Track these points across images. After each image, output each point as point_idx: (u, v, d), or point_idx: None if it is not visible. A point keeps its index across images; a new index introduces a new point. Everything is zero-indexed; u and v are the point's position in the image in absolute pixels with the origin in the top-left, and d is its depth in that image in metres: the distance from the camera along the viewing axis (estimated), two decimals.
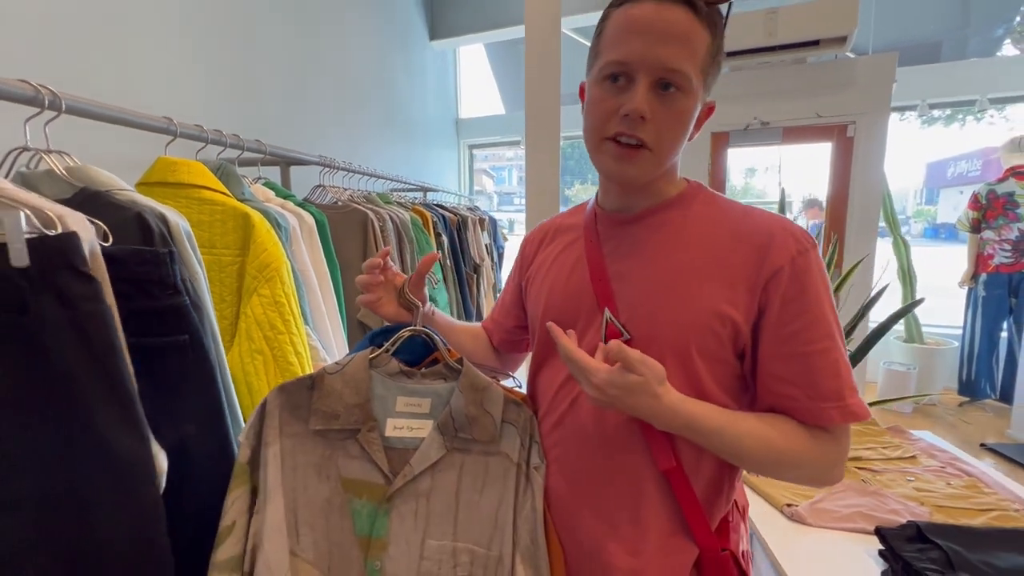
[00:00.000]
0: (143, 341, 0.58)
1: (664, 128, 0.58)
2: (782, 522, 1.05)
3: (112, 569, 0.54)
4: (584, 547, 0.65)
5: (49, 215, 0.51)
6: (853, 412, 0.56)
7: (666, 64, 0.55)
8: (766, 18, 2.76)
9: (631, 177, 0.61)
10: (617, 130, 0.58)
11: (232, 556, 0.63)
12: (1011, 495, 1.09)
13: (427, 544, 0.66)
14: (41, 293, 0.49)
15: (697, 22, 0.56)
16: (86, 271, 0.51)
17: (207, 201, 0.88)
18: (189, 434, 0.64)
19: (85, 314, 0.51)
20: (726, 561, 0.62)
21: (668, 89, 0.57)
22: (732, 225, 0.62)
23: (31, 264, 0.48)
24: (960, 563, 0.84)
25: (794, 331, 0.57)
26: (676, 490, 0.61)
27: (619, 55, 0.57)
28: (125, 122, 0.83)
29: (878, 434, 1.41)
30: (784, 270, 0.57)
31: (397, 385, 0.70)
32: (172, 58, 1.52)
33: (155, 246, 0.62)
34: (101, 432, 0.52)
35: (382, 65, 2.97)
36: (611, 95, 0.58)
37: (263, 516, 0.64)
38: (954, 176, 11.37)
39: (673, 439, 0.61)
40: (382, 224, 1.49)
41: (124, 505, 0.54)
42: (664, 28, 0.55)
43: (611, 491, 0.64)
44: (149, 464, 0.55)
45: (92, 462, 0.52)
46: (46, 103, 0.65)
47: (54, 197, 0.65)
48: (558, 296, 0.70)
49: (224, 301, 0.88)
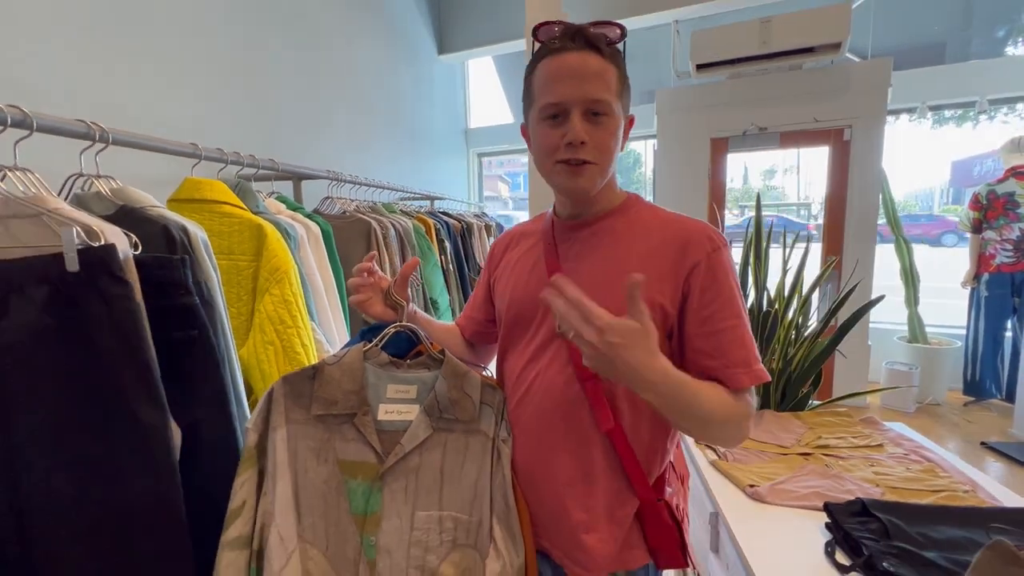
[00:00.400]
0: (164, 334, 0.68)
1: (600, 146, 0.71)
2: (744, 501, 1.14)
3: (139, 522, 0.65)
4: (546, 506, 0.77)
5: (94, 229, 0.63)
6: (757, 375, 0.69)
7: (590, 96, 0.69)
8: (761, 27, 2.84)
9: (582, 188, 0.73)
10: (565, 156, 0.71)
11: (242, 535, 0.69)
12: (964, 478, 1.16)
13: (416, 515, 0.74)
14: (88, 293, 0.61)
15: (604, 61, 0.70)
16: (122, 275, 0.62)
17: (227, 215, 1.03)
18: (199, 416, 0.72)
19: (121, 310, 0.62)
20: (661, 509, 0.75)
21: (596, 116, 0.70)
22: (662, 229, 0.75)
23: (80, 269, 0.61)
24: (896, 533, 0.92)
25: (710, 313, 0.70)
26: (618, 448, 0.74)
27: (553, 98, 0.70)
28: (159, 149, 0.98)
29: (850, 425, 1.48)
30: (701, 264, 0.70)
31: (387, 374, 0.79)
32: (194, 85, 1.68)
33: (177, 253, 0.75)
34: (131, 406, 0.63)
35: (392, 81, 3.13)
36: (553, 129, 0.71)
37: (273, 495, 0.71)
38: (980, 175, 11.13)
39: (613, 405, 0.73)
40: (385, 232, 1.63)
41: (148, 469, 0.65)
42: (583, 70, 0.69)
43: (565, 456, 0.75)
44: (169, 436, 0.65)
45: (124, 431, 0.63)
46: (97, 137, 0.80)
47: (101, 213, 0.79)
48: (520, 291, 0.83)
49: (241, 300, 1.02)
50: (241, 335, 1.00)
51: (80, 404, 0.62)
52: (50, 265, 0.60)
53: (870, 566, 0.87)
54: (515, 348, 0.83)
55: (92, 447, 0.62)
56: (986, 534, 0.90)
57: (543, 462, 0.77)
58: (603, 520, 0.74)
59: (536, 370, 0.78)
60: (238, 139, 1.81)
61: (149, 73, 1.51)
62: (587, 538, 0.73)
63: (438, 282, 1.95)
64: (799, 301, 1.60)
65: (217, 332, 0.78)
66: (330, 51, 2.47)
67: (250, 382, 0.99)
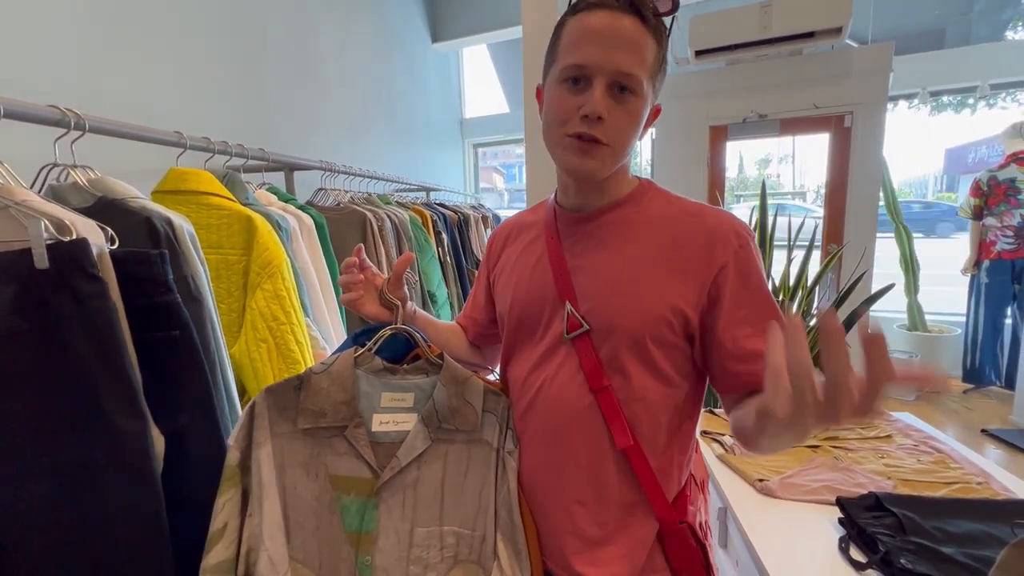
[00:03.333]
0: (142, 335, 0.64)
1: (619, 127, 0.63)
2: (753, 495, 1.12)
3: (115, 534, 0.60)
4: (552, 523, 0.70)
5: (65, 223, 0.58)
6: None
7: (621, 68, 0.60)
8: (760, 12, 2.79)
9: (591, 170, 0.65)
10: (577, 130, 0.62)
11: (223, 560, 0.63)
12: (976, 469, 1.14)
13: (416, 532, 0.69)
14: (59, 291, 0.56)
15: (646, 31, 0.61)
16: (94, 272, 0.58)
17: (215, 206, 0.98)
18: (183, 422, 0.68)
19: (93, 310, 0.58)
20: (684, 532, 0.68)
21: (623, 92, 0.62)
22: (681, 221, 0.67)
23: (50, 266, 0.55)
24: (912, 528, 0.90)
25: (744, 316, 0.64)
26: (635, 467, 0.66)
27: (578, 59, 0.61)
28: (140, 138, 0.93)
29: None
30: (729, 266, 0.64)
31: (382, 381, 0.72)
32: (179, 69, 1.62)
33: (161, 247, 0.70)
34: (107, 412, 0.59)
35: (384, 69, 3.06)
36: (570, 95, 0.63)
37: (260, 516, 0.65)
38: (975, 162, 11.13)
39: (631, 419, 0.66)
40: (380, 224, 1.58)
41: (126, 478, 0.60)
42: (618, 35, 0.60)
43: (576, 470, 0.68)
44: (148, 444, 0.61)
45: (99, 438, 0.59)
46: (72, 124, 0.75)
47: (79, 205, 0.75)
48: (524, 290, 0.75)
49: (232, 296, 0.98)
50: (232, 332, 0.96)
51: (53, 411, 0.58)
52: (17, 262, 0.55)
53: (887, 563, 0.84)
54: (519, 352, 0.77)
55: (67, 456, 0.58)
56: (1008, 528, 0.88)
57: (551, 477, 0.70)
58: (617, 542, 0.68)
59: (543, 376, 0.71)
60: (228, 129, 1.75)
61: (135, 61, 1.45)
62: (600, 558, 0.68)
63: (436, 275, 1.91)
64: (803, 292, 1.57)
65: (206, 330, 0.74)
66: (321, 38, 2.40)
67: (243, 381, 0.96)
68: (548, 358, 0.71)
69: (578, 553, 0.68)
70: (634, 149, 0.72)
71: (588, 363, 0.67)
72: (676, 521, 0.68)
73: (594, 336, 0.67)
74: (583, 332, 0.67)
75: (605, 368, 0.66)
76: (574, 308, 0.68)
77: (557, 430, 0.69)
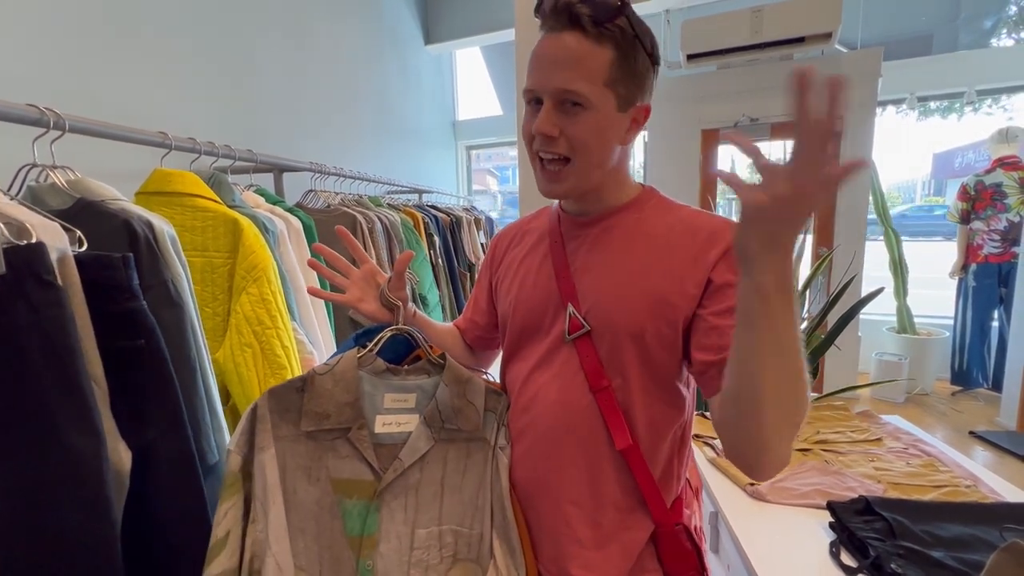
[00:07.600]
0: (107, 344, 0.61)
1: (579, 140, 0.64)
2: (744, 500, 1.11)
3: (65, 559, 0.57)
4: (547, 523, 0.70)
5: (25, 226, 0.55)
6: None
7: (560, 86, 0.62)
8: (752, 16, 2.81)
9: (558, 194, 0.69)
10: (535, 148, 0.66)
11: (227, 569, 0.61)
12: (965, 473, 1.15)
13: (416, 534, 0.68)
14: (15, 299, 0.53)
15: (589, 42, 0.61)
16: (48, 279, 0.55)
17: (200, 208, 0.96)
18: (152, 436, 0.65)
19: (47, 319, 0.55)
20: (679, 534, 0.68)
21: (575, 106, 0.63)
22: (679, 226, 0.69)
23: (7, 272, 0.52)
24: (902, 532, 0.90)
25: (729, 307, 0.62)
26: (633, 468, 0.67)
27: (528, 83, 0.65)
28: (123, 138, 0.91)
29: (847, 419, 1.46)
30: (722, 260, 0.64)
31: (384, 382, 0.72)
32: (166, 69, 1.60)
33: (141, 250, 0.68)
34: (59, 430, 0.55)
35: (377, 70, 3.05)
36: (531, 116, 0.66)
37: (265, 521, 0.64)
38: (962, 167, 11.27)
39: (628, 419, 0.66)
40: (371, 226, 1.57)
41: (77, 500, 0.57)
42: (557, 55, 0.62)
43: (574, 471, 0.69)
44: (103, 466, 0.57)
45: (50, 458, 0.55)
46: (51, 124, 0.73)
47: (57, 207, 0.73)
48: (527, 292, 0.76)
49: (216, 299, 0.96)
50: (217, 337, 0.94)
51: (6, 427, 0.54)
52: None
53: (877, 567, 0.84)
54: (521, 352, 0.77)
55: (19, 477, 0.54)
56: (996, 532, 0.88)
57: (548, 477, 0.70)
58: (613, 543, 0.68)
59: (543, 377, 0.72)
60: (216, 130, 1.73)
61: (123, 60, 1.43)
62: (592, 560, 0.68)
63: (427, 277, 1.90)
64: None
65: (187, 336, 0.72)
66: (312, 38, 2.39)
67: (227, 387, 0.94)
68: (549, 358, 0.72)
69: (571, 556, 0.68)
70: (629, 152, 0.73)
71: (589, 363, 0.68)
72: (672, 523, 0.69)
73: (595, 336, 0.68)
74: (584, 333, 0.68)
75: (605, 368, 0.67)
76: (576, 310, 0.69)
77: (556, 430, 0.70)
